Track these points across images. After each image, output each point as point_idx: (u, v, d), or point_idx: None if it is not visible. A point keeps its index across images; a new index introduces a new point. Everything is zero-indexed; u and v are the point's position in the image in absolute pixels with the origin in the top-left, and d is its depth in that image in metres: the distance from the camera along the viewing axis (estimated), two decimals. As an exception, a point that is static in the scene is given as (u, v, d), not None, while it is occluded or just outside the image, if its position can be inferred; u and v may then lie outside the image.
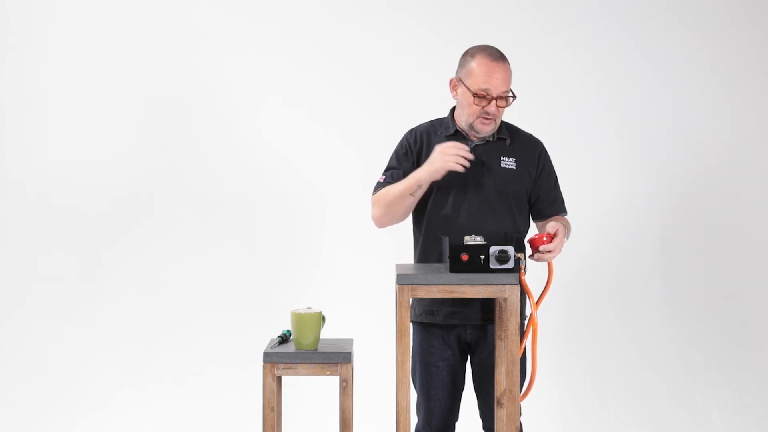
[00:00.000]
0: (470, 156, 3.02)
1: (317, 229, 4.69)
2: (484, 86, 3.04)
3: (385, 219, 3.17)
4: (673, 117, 4.70)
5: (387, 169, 3.22)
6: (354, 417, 3.05)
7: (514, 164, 3.17)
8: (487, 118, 3.08)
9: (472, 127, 3.12)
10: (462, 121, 3.15)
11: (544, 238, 2.97)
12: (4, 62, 4.70)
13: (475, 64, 3.07)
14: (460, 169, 3.00)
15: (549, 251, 2.97)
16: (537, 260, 3.01)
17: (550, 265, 3.05)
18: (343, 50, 4.70)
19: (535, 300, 2.95)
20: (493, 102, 3.05)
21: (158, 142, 4.69)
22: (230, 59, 4.70)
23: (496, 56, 3.07)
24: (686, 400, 4.56)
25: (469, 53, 3.12)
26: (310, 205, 4.69)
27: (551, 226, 3.03)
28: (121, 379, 4.59)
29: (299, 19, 4.71)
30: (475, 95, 3.05)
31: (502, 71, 3.06)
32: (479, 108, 3.06)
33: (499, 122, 3.14)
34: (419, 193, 3.09)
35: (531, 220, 3.28)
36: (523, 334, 3.17)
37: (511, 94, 3.09)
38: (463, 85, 3.10)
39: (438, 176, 3.04)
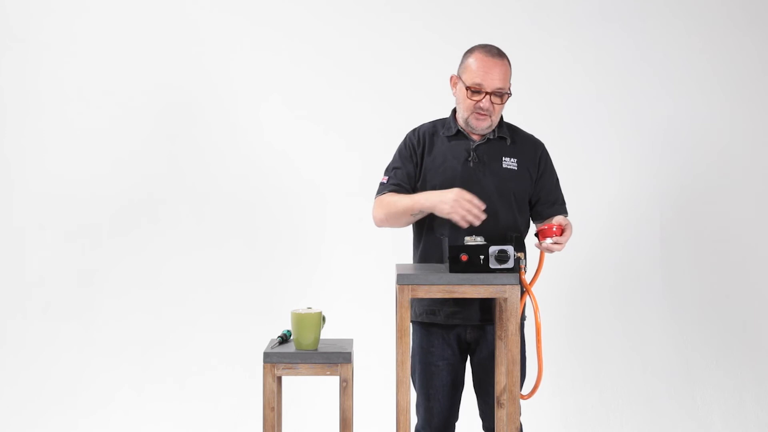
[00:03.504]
0: (482, 216, 2.98)
1: (317, 229, 4.69)
2: (477, 80, 3.07)
3: (384, 224, 3.21)
4: (674, 117, 4.70)
5: (390, 170, 3.23)
6: (354, 417, 3.05)
7: (516, 165, 3.17)
8: (481, 114, 3.10)
9: (468, 122, 3.13)
10: (460, 117, 3.17)
11: (554, 228, 2.96)
12: (4, 62, 4.70)
13: (472, 60, 3.11)
14: (464, 224, 2.98)
15: (558, 243, 2.97)
16: (544, 250, 3.00)
17: (541, 255, 3.05)
18: (343, 50, 4.70)
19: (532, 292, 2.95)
20: (487, 97, 3.07)
21: (158, 142, 4.69)
22: (230, 59, 4.70)
23: (494, 53, 3.10)
24: (686, 400, 4.56)
25: (470, 50, 3.16)
26: (310, 205, 4.69)
27: (558, 219, 3.03)
28: (121, 379, 4.59)
29: (299, 19, 4.71)
30: (468, 89, 3.09)
31: (497, 67, 3.08)
32: (473, 102, 3.09)
33: (496, 120, 3.14)
34: (419, 216, 3.13)
35: (531, 221, 3.28)
36: (523, 334, 3.18)
37: (507, 91, 3.10)
38: (460, 81, 3.14)
39: (441, 215, 3.03)
